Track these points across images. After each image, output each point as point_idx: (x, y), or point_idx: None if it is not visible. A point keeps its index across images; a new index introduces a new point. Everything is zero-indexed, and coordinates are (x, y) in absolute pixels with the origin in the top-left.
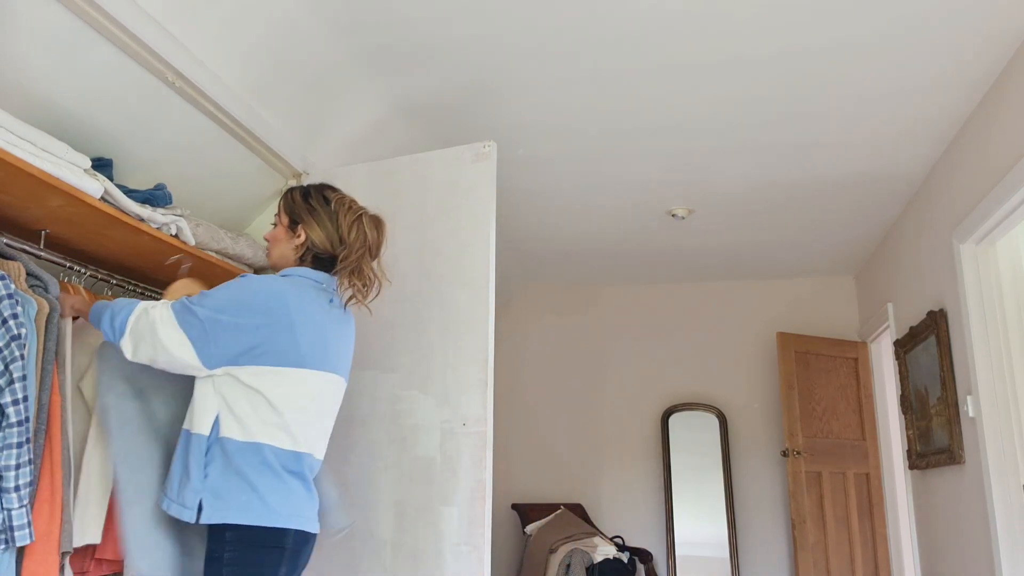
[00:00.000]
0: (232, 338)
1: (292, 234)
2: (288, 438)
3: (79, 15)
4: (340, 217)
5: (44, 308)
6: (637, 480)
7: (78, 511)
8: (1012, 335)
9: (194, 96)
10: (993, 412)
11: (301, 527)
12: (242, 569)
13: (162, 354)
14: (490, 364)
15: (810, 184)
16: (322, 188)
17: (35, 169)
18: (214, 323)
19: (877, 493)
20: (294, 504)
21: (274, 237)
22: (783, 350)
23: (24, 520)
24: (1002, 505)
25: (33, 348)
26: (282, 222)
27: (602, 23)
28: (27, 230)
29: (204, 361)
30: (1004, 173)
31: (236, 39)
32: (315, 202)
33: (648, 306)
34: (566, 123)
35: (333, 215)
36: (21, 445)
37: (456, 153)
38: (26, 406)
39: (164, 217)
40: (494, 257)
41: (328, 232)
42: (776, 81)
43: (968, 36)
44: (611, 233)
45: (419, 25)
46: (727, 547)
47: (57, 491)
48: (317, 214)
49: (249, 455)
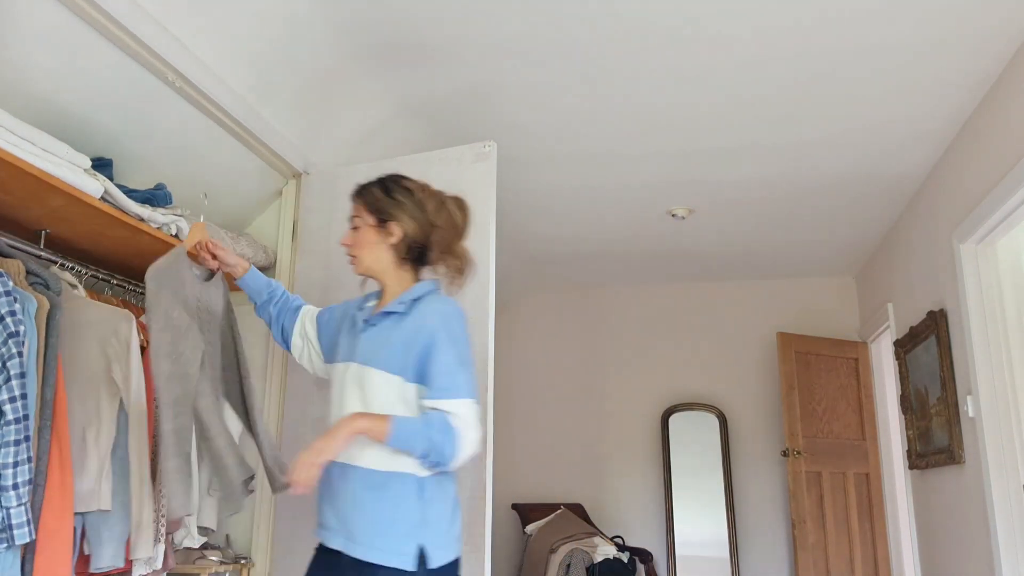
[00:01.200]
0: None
1: (384, 233)
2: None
3: (79, 15)
4: (426, 203)
5: (44, 305)
6: (637, 480)
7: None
8: (1012, 335)
9: (194, 96)
10: (993, 412)
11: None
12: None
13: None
14: (490, 364)
15: (810, 184)
16: (398, 179)
17: (35, 169)
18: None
19: (877, 493)
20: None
21: (362, 241)
22: (783, 350)
23: (23, 518)
24: (1002, 505)
25: (33, 345)
26: (367, 223)
27: (602, 23)
28: (27, 230)
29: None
30: (1004, 173)
31: (237, 39)
32: (399, 195)
33: (648, 306)
34: (566, 123)
35: (419, 204)
36: (19, 443)
37: (456, 153)
38: (24, 403)
39: (164, 217)
40: (494, 257)
41: (420, 222)
42: (776, 81)
43: (968, 36)
44: (611, 233)
45: (420, 25)
46: (727, 547)
47: (67, 488)
48: (406, 207)
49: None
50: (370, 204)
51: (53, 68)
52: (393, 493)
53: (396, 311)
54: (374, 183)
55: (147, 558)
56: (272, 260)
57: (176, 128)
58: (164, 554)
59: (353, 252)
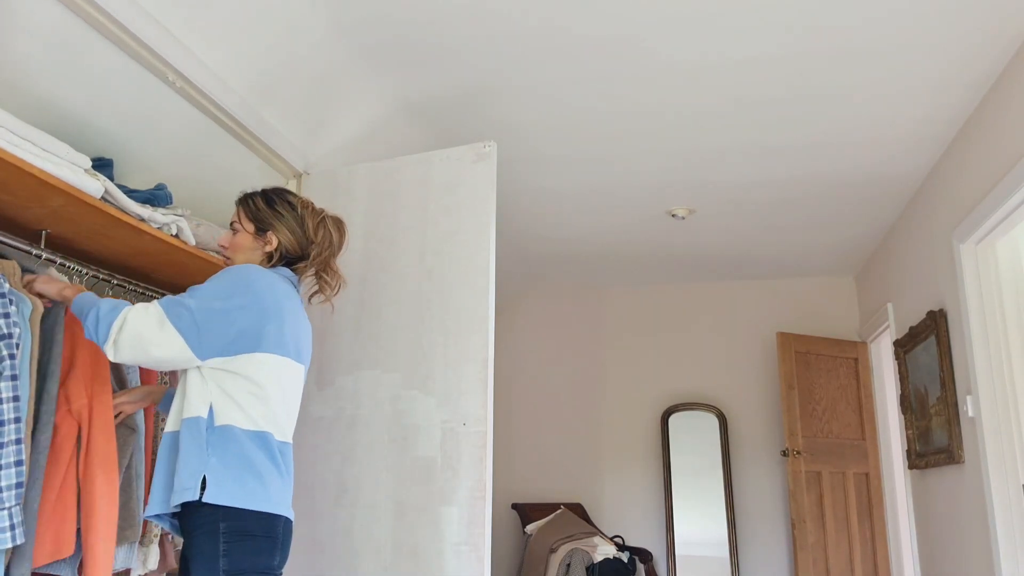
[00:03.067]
0: (224, 325)
1: (261, 240)
2: (279, 428)
3: (79, 15)
4: (306, 220)
5: (39, 307)
6: (637, 480)
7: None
8: (1012, 335)
9: (194, 96)
10: (993, 412)
11: (289, 515)
12: (241, 556)
13: (154, 352)
14: (490, 364)
15: (810, 184)
16: (282, 193)
17: (36, 169)
18: (207, 312)
19: (877, 493)
20: (285, 492)
21: (238, 244)
22: (783, 350)
23: (7, 523)
24: (1002, 505)
25: (27, 347)
26: (247, 229)
27: (602, 23)
28: (28, 230)
29: (197, 352)
30: (1004, 173)
31: (237, 39)
32: (281, 208)
33: (648, 306)
34: (566, 123)
35: (300, 219)
36: (6, 445)
37: (457, 153)
38: (16, 406)
39: (165, 217)
40: (494, 257)
41: (297, 235)
42: (776, 82)
43: (968, 36)
44: (611, 233)
45: (420, 25)
46: (727, 547)
47: (68, 491)
48: (285, 219)
49: (257, 443)
50: (251, 212)
51: (53, 68)
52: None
53: None
54: (258, 193)
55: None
56: None
57: (176, 128)
58: (163, 554)
59: (227, 253)
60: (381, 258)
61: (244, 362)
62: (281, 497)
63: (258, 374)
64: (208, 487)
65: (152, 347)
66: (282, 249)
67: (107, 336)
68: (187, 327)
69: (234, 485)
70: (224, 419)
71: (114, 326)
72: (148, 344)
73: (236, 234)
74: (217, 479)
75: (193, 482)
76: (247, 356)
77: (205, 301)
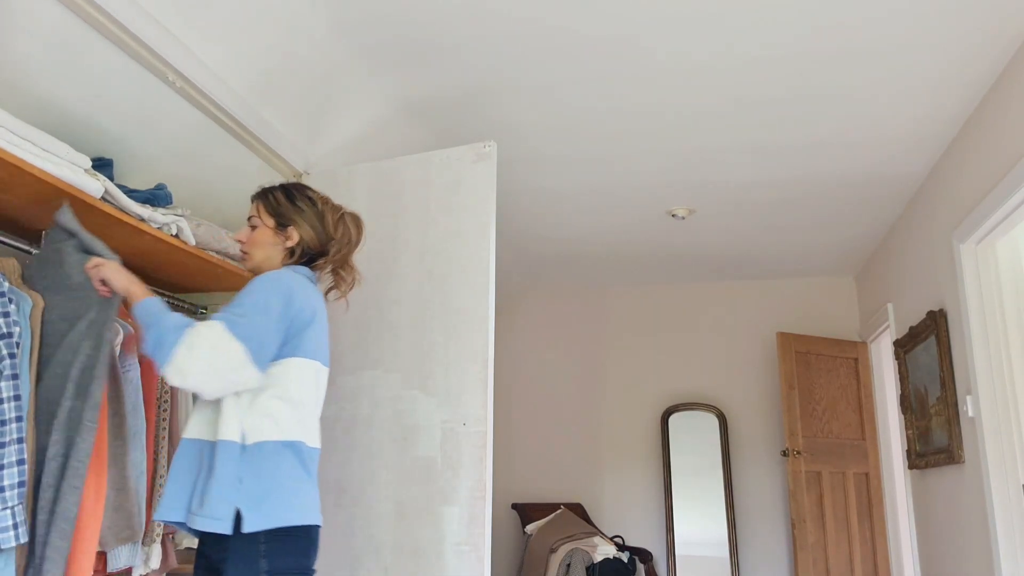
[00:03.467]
0: (276, 335)
1: (281, 236)
2: (310, 435)
3: (79, 15)
4: (326, 215)
5: (40, 304)
6: (637, 480)
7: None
8: (1012, 335)
9: (195, 96)
10: (992, 412)
11: (320, 522)
12: (285, 572)
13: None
14: (490, 364)
15: (810, 184)
16: (302, 188)
17: (36, 169)
18: (264, 325)
19: (877, 493)
20: (315, 499)
21: (258, 240)
22: (783, 350)
23: (10, 522)
24: (1002, 505)
25: (27, 346)
26: (266, 224)
27: (603, 23)
28: (27, 230)
29: (259, 366)
30: (1004, 173)
31: (237, 39)
32: (301, 203)
33: (648, 306)
34: (566, 123)
35: (320, 214)
36: (6, 445)
37: (457, 153)
38: (16, 405)
39: (165, 217)
40: (494, 257)
41: (317, 231)
42: (776, 81)
43: (968, 36)
44: (611, 233)
45: (420, 25)
46: (727, 547)
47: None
48: (306, 214)
49: (286, 455)
50: (271, 207)
51: (53, 68)
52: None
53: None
54: (278, 187)
55: (144, 559)
56: None
57: (177, 128)
58: (164, 554)
59: (246, 248)
60: (381, 258)
61: (280, 369)
62: (314, 505)
63: (292, 380)
64: (245, 518)
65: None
66: (304, 245)
67: (168, 357)
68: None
69: (271, 507)
70: (256, 436)
71: (179, 348)
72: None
73: (255, 230)
74: (254, 507)
75: (225, 512)
76: (283, 362)
77: (255, 314)
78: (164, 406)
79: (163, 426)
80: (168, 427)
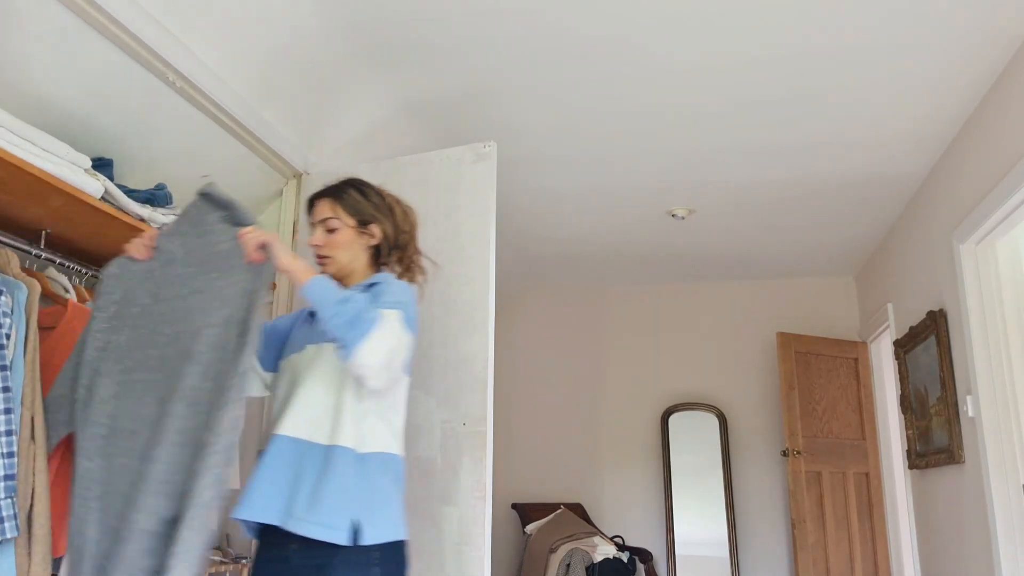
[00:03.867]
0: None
1: (364, 235)
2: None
3: (79, 15)
4: (394, 207)
5: (36, 288)
6: (637, 480)
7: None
8: (1012, 335)
9: (194, 96)
10: (993, 412)
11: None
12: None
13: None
14: (490, 364)
15: (810, 184)
16: (364, 182)
17: (36, 169)
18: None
19: (877, 493)
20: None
21: (341, 242)
22: (783, 350)
23: (10, 512)
24: (1002, 505)
25: (22, 334)
26: (348, 224)
27: (602, 24)
28: (28, 230)
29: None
30: (1004, 173)
31: (237, 39)
32: (375, 198)
33: (648, 306)
34: (566, 123)
35: (389, 207)
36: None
37: (457, 153)
38: (7, 397)
39: (164, 217)
40: (494, 257)
41: (393, 224)
42: (776, 81)
43: (968, 36)
44: (611, 233)
45: (420, 25)
46: (727, 547)
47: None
48: (382, 209)
49: (392, 467)
50: (350, 206)
51: (53, 68)
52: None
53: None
54: (349, 184)
55: None
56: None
57: (177, 128)
58: None
59: (328, 252)
60: None
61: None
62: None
63: (401, 392)
64: (364, 530)
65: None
66: (387, 241)
67: (363, 339)
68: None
69: (384, 520)
70: (371, 445)
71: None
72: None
73: (335, 232)
74: (370, 519)
75: (342, 522)
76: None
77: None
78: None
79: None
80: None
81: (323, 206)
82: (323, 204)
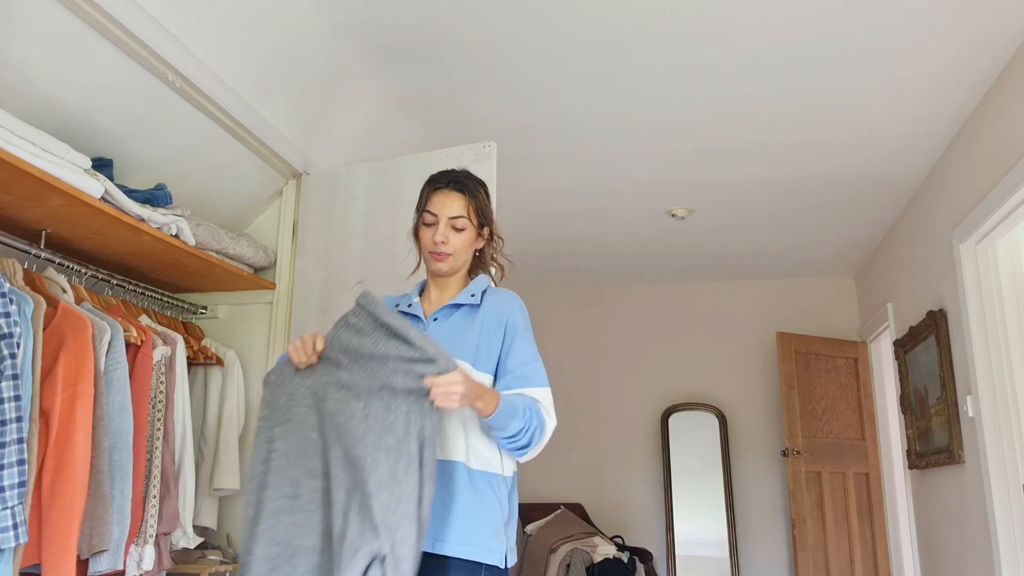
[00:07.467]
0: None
1: (481, 237)
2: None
3: (79, 15)
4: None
5: (41, 305)
6: (637, 480)
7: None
8: (1012, 335)
9: (194, 96)
10: (992, 412)
11: None
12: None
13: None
14: None
15: (810, 184)
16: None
17: (36, 169)
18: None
19: (877, 493)
20: None
21: (466, 244)
22: (783, 350)
23: (9, 522)
24: (1002, 505)
25: (30, 346)
26: (474, 224)
27: (602, 24)
28: (28, 230)
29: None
30: (1004, 173)
31: (237, 39)
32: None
33: (648, 306)
34: (566, 123)
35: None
36: (6, 445)
37: (457, 153)
38: (16, 405)
39: (164, 217)
40: None
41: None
42: (776, 81)
43: (968, 36)
44: (611, 233)
45: (419, 25)
46: (727, 547)
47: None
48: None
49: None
50: (478, 208)
51: (53, 68)
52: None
53: (467, 303)
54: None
55: (137, 559)
56: (272, 260)
57: (176, 128)
58: (159, 555)
59: (450, 251)
60: (381, 258)
61: None
62: None
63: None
64: (509, 552)
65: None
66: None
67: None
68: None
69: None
70: (511, 468)
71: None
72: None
73: (463, 232)
74: (510, 541)
75: (499, 545)
76: None
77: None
78: (159, 406)
79: (157, 426)
80: (163, 427)
81: (457, 202)
82: (457, 200)
